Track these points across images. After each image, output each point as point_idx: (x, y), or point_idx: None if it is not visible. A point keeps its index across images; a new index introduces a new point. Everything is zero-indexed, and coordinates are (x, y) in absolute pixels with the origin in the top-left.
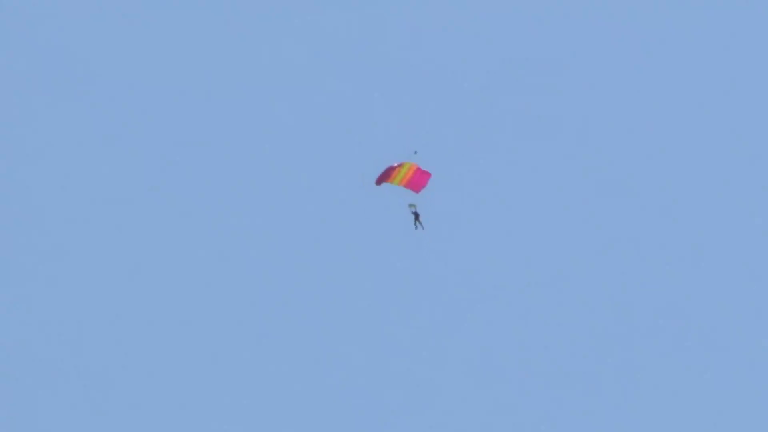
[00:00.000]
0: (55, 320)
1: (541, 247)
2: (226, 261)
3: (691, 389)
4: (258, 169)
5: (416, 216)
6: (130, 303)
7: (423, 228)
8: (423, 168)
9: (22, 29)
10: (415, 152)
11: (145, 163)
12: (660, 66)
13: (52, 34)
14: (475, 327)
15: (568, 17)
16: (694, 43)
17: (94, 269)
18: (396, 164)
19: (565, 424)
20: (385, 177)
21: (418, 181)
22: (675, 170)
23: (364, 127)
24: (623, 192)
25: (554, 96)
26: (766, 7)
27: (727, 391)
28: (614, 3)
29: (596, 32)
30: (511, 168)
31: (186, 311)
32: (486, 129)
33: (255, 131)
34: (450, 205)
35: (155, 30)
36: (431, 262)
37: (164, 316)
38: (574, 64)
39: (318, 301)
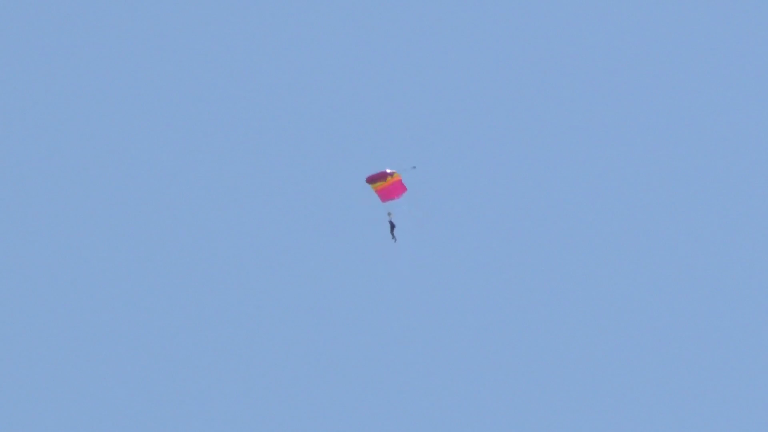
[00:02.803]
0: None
1: (536, 250)
2: (219, 262)
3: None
4: (251, 170)
5: (392, 226)
6: (129, 304)
7: (395, 240)
8: (405, 184)
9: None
10: (414, 167)
11: (142, 163)
12: (664, 68)
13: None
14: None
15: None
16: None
17: (90, 269)
18: (390, 171)
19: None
20: (375, 179)
21: (390, 191)
22: (673, 172)
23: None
24: (619, 196)
25: (549, 98)
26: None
27: (729, 393)
28: (609, 4)
29: (590, 32)
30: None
31: (177, 313)
32: (482, 131)
33: (246, 134)
34: (445, 206)
35: (153, 31)
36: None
37: (158, 317)
38: (569, 67)
39: (310, 301)
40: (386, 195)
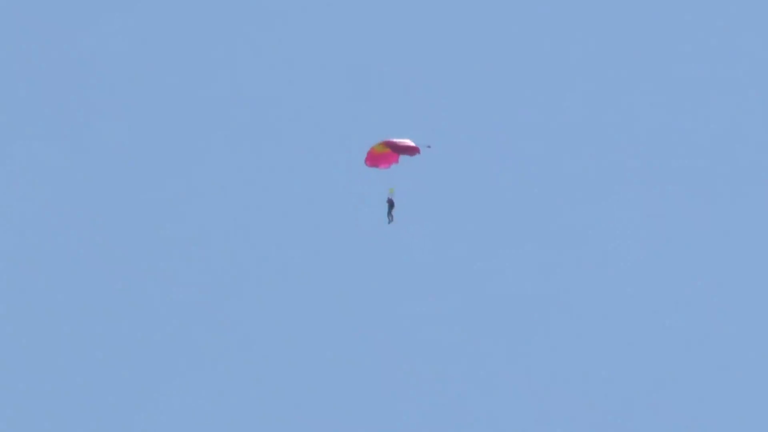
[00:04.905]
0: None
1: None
2: (220, 260)
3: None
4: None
5: (391, 205)
6: (127, 304)
7: (392, 220)
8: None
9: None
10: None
11: (140, 163)
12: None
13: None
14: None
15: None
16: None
17: (89, 269)
18: (413, 145)
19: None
20: (400, 149)
21: (384, 158)
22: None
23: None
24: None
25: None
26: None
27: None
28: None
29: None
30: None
31: (173, 313)
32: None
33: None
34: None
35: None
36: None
37: (157, 318)
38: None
39: (314, 301)
40: (376, 161)
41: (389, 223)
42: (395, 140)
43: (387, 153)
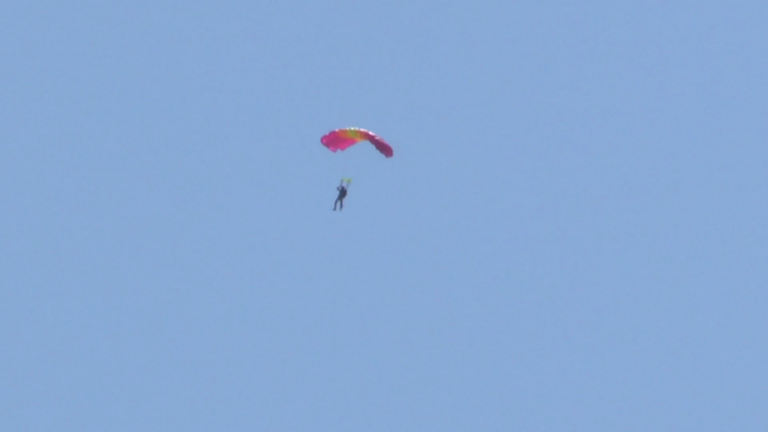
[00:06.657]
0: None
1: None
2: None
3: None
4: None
5: (342, 193)
6: (128, 304)
7: (341, 208)
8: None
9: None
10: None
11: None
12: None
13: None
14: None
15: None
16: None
17: (92, 268)
18: (389, 145)
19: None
20: (379, 145)
21: (344, 142)
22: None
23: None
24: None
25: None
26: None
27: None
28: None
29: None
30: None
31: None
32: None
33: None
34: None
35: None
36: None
37: (155, 318)
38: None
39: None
40: (331, 141)
41: (334, 209)
42: (373, 134)
43: (347, 138)
